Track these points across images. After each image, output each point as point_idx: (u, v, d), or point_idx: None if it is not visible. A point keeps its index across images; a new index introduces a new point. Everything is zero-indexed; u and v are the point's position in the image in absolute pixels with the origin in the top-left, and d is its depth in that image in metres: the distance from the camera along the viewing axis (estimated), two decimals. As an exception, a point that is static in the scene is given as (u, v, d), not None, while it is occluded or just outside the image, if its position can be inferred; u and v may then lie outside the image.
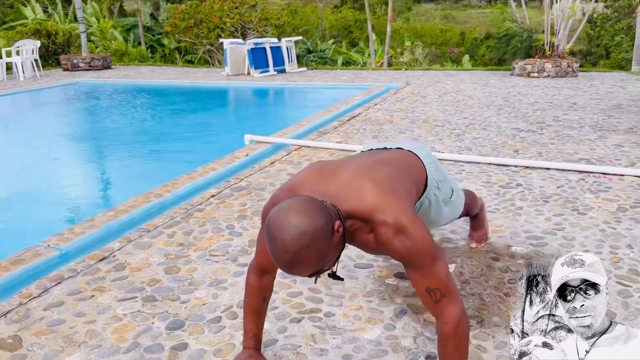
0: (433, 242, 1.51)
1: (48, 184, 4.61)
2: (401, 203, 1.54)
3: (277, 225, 1.34)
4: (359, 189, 1.53)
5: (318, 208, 1.38)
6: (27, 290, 2.34)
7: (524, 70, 9.54)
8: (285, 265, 1.35)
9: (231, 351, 1.91)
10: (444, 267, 1.50)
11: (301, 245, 1.31)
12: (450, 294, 1.49)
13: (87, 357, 1.89)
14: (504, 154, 4.37)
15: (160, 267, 2.55)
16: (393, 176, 1.65)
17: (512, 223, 3.00)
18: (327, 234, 1.36)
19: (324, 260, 1.38)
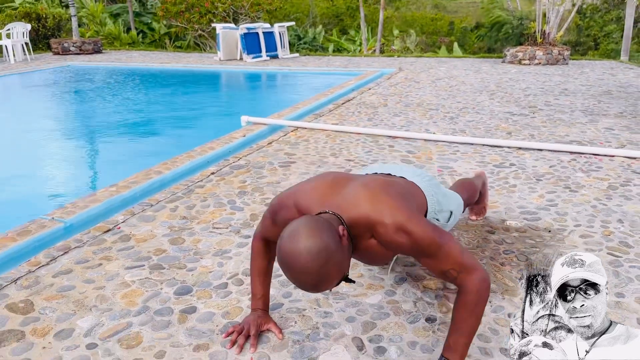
0: (434, 229, 1.57)
1: (46, 162, 4.63)
2: (396, 203, 1.60)
3: (289, 255, 1.39)
4: (357, 198, 1.60)
5: (321, 224, 1.44)
6: (36, 259, 2.38)
7: (515, 57, 9.63)
8: (312, 288, 1.42)
9: (239, 314, 1.98)
10: (453, 248, 1.56)
11: (321, 264, 1.38)
12: (465, 268, 1.55)
13: (98, 319, 1.95)
14: (497, 136, 4.45)
15: (165, 238, 2.61)
16: (392, 189, 1.69)
17: (507, 199, 3.09)
18: (338, 243, 1.44)
19: (342, 268, 1.46)
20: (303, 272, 1.38)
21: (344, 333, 1.86)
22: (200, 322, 1.93)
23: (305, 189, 1.70)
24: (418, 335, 1.86)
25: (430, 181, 2.06)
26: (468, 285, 1.55)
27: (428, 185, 2.00)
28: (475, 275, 1.56)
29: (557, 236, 2.60)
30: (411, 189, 1.89)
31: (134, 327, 1.90)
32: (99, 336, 1.85)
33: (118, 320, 1.94)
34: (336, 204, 1.59)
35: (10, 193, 3.88)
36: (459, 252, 1.57)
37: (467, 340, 1.59)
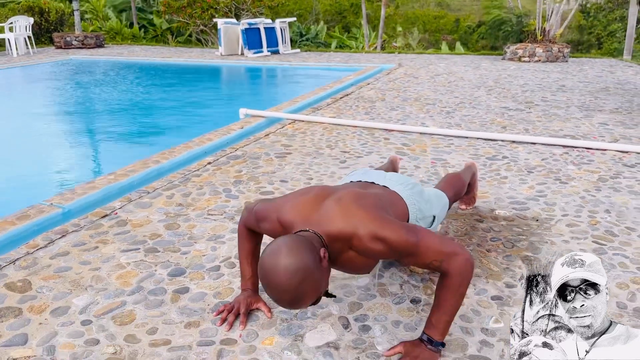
0: (408, 230, 1.61)
1: (47, 151, 4.69)
2: (367, 214, 1.64)
3: (270, 271, 1.45)
4: (332, 214, 1.65)
5: (302, 244, 1.50)
6: (34, 242, 2.45)
7: (515, 54, 9.67)
8: (289, 305, 1.48)
9: (230, 294, 2.04)
10: (430, 241, 1.60)
11: (297, 282, 1.43)
12: (446, 256, 1.59)
13: (93, 298, 2.01)
14: (492, 130, 4.50)
15: (161, 223, 2.67)
16: (364, 201, 1.72)
17: (497, 190, 3.14)
18: (317, 264, 1.49)
19: (320, 287, 1.51)
20: (280, 289, 1.44)
21: (331, 312, 1.92)
22: (192, 302, 1.99)
23: (289, 205, 1.73)
24: (402, 315, 1.92)
25: (413, 189, 2.08)
26: (451, 270, 1.60)
27: (410, 194, 2.03)
28: (458, 258, 1.60)
29: (544, 225, 2.65)
30: (391, 198, 1.93)
31: (128, 306, 1.96)
32: (94, 313, 1.91)
33: (112, 299, 2.00)
34: (316, 220, 1.64)
35: (11, 180, 3.95)
36: (437, 242, 1.61)
37: (448, 319, 1.65)
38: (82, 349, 1.73)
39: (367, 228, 1.59)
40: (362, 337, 1.79)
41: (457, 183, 2.57)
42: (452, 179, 2.59)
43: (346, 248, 1.64)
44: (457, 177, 2.63)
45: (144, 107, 6.64)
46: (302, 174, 3.40)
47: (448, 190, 2.43)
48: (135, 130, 5.54)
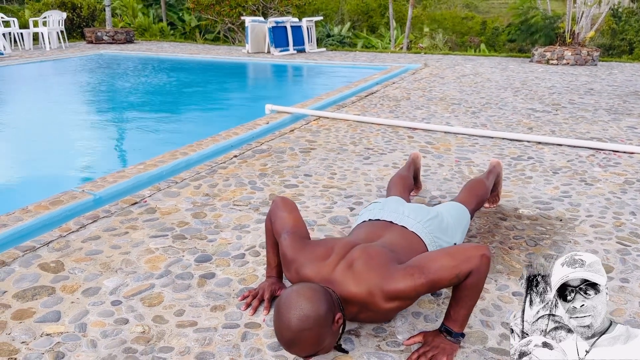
0: (413, 274, 1.60)
1: (80, 141, 4.82)
2: (379, 273, 1.64)
3: (286, 305, 1.50)
4: (345, 279, 1.65)
5: (324, 298, 1.53)
6: (66, 226, 2.54)
7: (543, 57, 9.56)
8: (286, 343, 1.51)
9: (254, 280, 2.09)
10: (441, 267, 1.60)
11: (303, 327, 1.47)
12: (464, 267, 1.60)
13: (123, 280, 2.08)
14: (517, 131, 4.48)
15: (188, 212, 2.74)
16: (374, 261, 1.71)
17: (521, 190, 3.14)
18: (328, 322, 1.52)
19: (320, 344, 1.53)
20: (287, 325, 1.48)
21: (353, 302, 1.96)
22: (218, 286, 2.05)
23: (308, 262, 1.73)
24: (423, 307, 1.94)
25: (431, 225, 2.05)
26: (472, 274, 1.62)
27: (429, 232, 2.01)
28: (473, 260, 1.61)
29: (568, 225, 2.65)
30: (408, 243, 1.91)
31: (156, 288, 2.03)
32: (123, 294, 1.98)
33: (141, 282, 2.07)
34: (330, 280, 1.66)
35: (45, 168, 4.07)
36: (448, 263, 1.61)
37: (467, 312, 1.67)
38: (111, 327, 1.79)
39: (379, 288, 1.60)
40: (383, 326, 1.82)
41: (481, 191, 2.55)
42: (475, 186, 2.55)
43: (362, 308, 1.66)
44: (481, 183, 2.60)
45: (172, 101, 6.76)
46: (325, 169, 3.44)
47: (471, 201, 2.41)
48: (164, 123, 5.66)
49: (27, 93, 7.44)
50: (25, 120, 5.73)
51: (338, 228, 2.59)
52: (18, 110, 6.22)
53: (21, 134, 5.20)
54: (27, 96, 7.16)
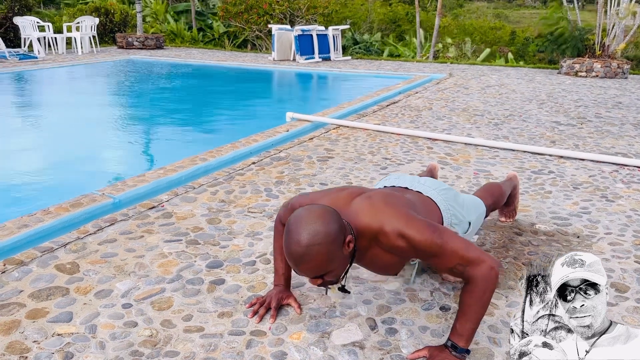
0: (434, 230, 1.63)
1: (103, 145, 4.94)
2: (394, 211, 1.68)
3: (297, 221, 1.54)
4: (361, 210, 1.70)
5: (336, 218, 1.57)
6: (84, 228, 2.60)
7: (572, 68, 9.41)
8: (295, 259, 1.53)
9: (263, 288, 2.11)
10: (456, 244, 1.62)
11: (313, 241, 1.50)
12: (471, 262, 1.61)
13: (135, 284, 2.12)
14: (540, 144, 4.42)
15: (204, 217, 2.78)
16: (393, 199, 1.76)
17: (539, 204, 3.10)
18: (338, 241, 1.55)
19: (330, 263, 1.54)
20: (297, 239, 1.51)
21: (359, 313, 1.96)
22: (227, 293, 2.07)
23: (325, 198, 1.79)
24: (430, 321, 1.93)
25: (447, 194, 2.09)
26: (475, 277, 1.61)
27: (444, 199, 2.05)
28: (483, 266, 1.61)
29: (585, 242, 2.60)
30: (424, 203, 1.95)
31: (167, 293, 2.06)
32: (134, 298, 2.02)
33: (153, 286, 2.11)
34: (346, 214, 1.70)
35: (69, 169, 4.18)
36: (462, 247, 1.62)
37: (473, 326, 1.66)
38: (121, 329, 1.83)
39: (392, 225, 1.64)
40: (388, 339, 1.82)
41: (497, 192, 2.55)
42: (491, 187, 2.57)
43: (373, 244, 1.68)
44: (497, 186, 2.61)
45: (196, 108, 6.87)
46: (342, 178, 3.45)
47: (486, 198, 2.42)
48: (187, 128, 5.75)
49: (56, 95, 7.65)
50: (53, 123, 5.89)
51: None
52: (46, 112, 6.41)
53: (48, 136, 5.34)
54: (56, 99, 7.37)
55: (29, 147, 4.88)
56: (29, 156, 4.58)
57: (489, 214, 2.48)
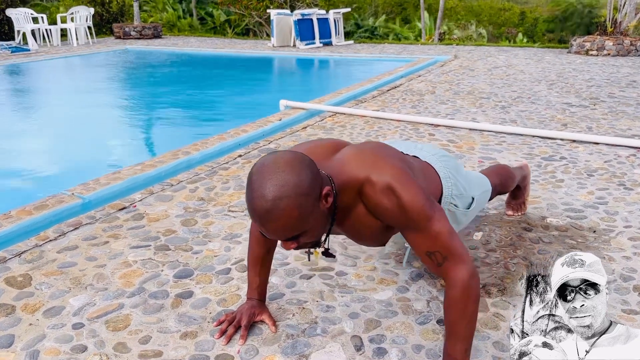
0: (428, 200, 1.39)
1: (84, 138, 4.69)
2: (386, 162, 1.42)
3: (260, 170, 1.24)
4: (347, 159, 1.44)
5: (308, 165, 1.27)
6: (45, 234, 2.35)
7: (582, 47, 9.02)
8: (260, 215, 1.22)
9: (236, 301, 1.85)
10: (444, 227, 1.38)
11: (281, 194, 1.20)
12: (453, 256, 1.37)
13: (91, 298, 1.87)
14: (550, 128, 4.11)
15: (178, 219, 2.52)
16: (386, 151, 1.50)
17: (551, 195, 2.81)
18: (313, 194, 1.25)
19: (303, 221, 1.24)
20: (261, 193, 1.21)
21: (343, 330, 1.70)
22: (193, 308, 1.82)
23: (302, 148, 1.53)
24: (425, 337, 1.67)
25: (448, 161, 1.82)
26: (454, 278, 1.37)
27: (444, 166, 1.77)
28: (463, 267, 1.37)
29: (603, 237, 2.32)
30: (422, 169, 1.68)
31: (125, 309, 1.81)
32: (87, 316, 1.77)
33: (110, 301, 1.86)
34: (329, 166, 1.43)
35: (40, 169, 3.94)
36: (449, 233, 1.38)
37: (466, 346, 1.40)
38: (66, 356, 1.58)
39: (382, 176, 1.37)
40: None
41: (505, 174, 2.27)
42: (499, 168, 2.30)
43: (357, 201, 1.42)
44: (506, 168, 2.33)
45: (186, 98, 6.60)
46: (335, 170, 3.18)
47: (493, 177, 2.14)
48: (174, 120, 5.49)
49: (42, 89, 7.41)
50: (32, 117, 5.65)
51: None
52: (28, 106, 6.16)
53: (24, 131, 5.10)
54: (41, 92, 7.13)
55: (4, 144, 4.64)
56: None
57: (494, 196, 2.21)
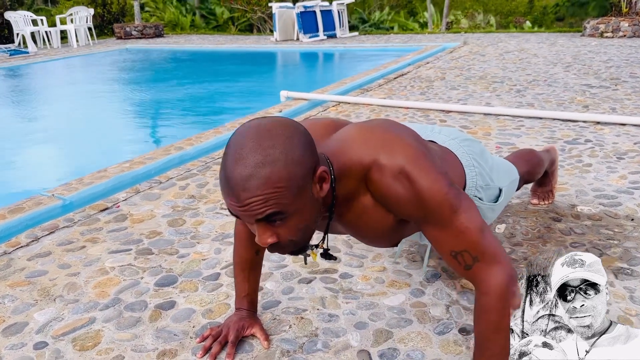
0: (451, 187, 1.10)
1: (77, 136, 4.47)
2: (401, 142, 1.13)
3: (240, 133, 0.98)
4: (349, 137, 1.15)
5: (302, 133, 1.00)
6: (16, 239, 2.12)
7: (597, 30, 8.67)
8: (236, 183, 0.93)
9: (224, 312, 1.60)
10: (473, 221, 1.10)
11: (265, 158, 0.92)
12: (486, 256, 1.10)
13: (59, 312, 1.63)
14: (571, 110, 3.82)
15: (165, 219, 2.27)
16: (398, 128, 1.21)
17: (579, 180, 2.53)
18: (305, 168, 0.98)
19: (290, 199, 0.97)
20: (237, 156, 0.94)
21: (349, 344, 1.44)
22: (174, 322, 1.57)
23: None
24: (446, 350, 1.40)
25: (471, 146, 1.52)
26: (487, 283, 1.10)
27: (466, 152, 1.48)
28: (499, 270, 1.10)
29: (644, 226, 2.04)
30: (442, 155, 1.39)
31: (96, 324, 1.56)
32: (52, 333, 1.53)
33: (80, 315, 1.61)
34: (325, 146, 1.14)
35: (23, 169, 3.72)
36: (480, 228, 1.10)
37: (501, 363, 1.13)
38: (22, 383, 1.34)
39: (393, 158, 1.09)
40: (387, 383, 1.30)
41: (533, 159, 1.99)
42: (526, 153, 2.02)
43: (361, 189, 1.13)
44: (533, 153, 2.05)
45: (184, 94, 6.36)
46: (339, 162, 2.92)
47: (520, 165, 1.86)
48: (169, 115, 5.27)
49: (37, 90, 7.22)
50: (26, 117, 5.44)
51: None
52: (22, 106, 5.96)
53: (16, 131, 4.90)
54: (35, 93, 6.93)
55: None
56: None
57: (521, 186, 1.94)
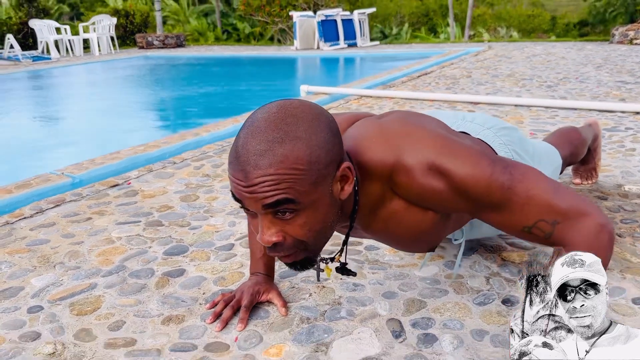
0: (493, 163, 0.95)
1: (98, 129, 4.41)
2: (424, 134, 0.99)
3: (260, 111, 0.87)
4: (367, 135, 1.01)
5: (328, 118, 0.88)
6: (20, 211, 1.99)
7: (626, 36, 8.44)
8: (247, 158, 0.82)
9: (237, 280, 1.45)
10: (535, 185, 0.95)
11: (285, 135, 0.82)
12: (566, 214, 0.94)
13: (58, 278, 1.49)
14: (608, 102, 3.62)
15: (177, 194, 2.14)
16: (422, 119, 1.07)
17: (623, 163, 2.34)
18: (328, 157, 0.86)
19: (306, 187, 0.85)
20: (256, 130, 0.83)
21: (377, 312, 1.27)
22: (183, 288, 1.42)
23: None
24: (488, 321, 1.22)
25: (510, 134, 1.34)
26: (573, 241, 0.94)
27: (505, 142, 1.30)
28: (586, 221, 0.94)
29: (703, 203, 1.84)
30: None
31: (97, 290, 1.42)
32: (49, 297, 1.39)
33: (81, 280, 1.47)
34: (349, 140, 1.02)
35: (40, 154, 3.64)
36: (546, 189, 0.94)
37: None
38: (10, 345, 1.19)
39: (419, 154, 0.93)
40: (422, 352, 1.12)
41: (575, 139, 1.81)
42: (567, 132, 1.84)
43: (387, 193, 0.98)
44: (575, 131, 1.87)
45: (208, 92, 6.31)
46: (362, 146, 2.77)
47: (562, 147, 1.69)
48: (196, 112, 5.20)
49: (61, 90, 7.25)
50: (54, 110, 5.41)
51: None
52: (52, 102, 5.95)
53: (40, 120, 4.85)
54: (58, 90, 6.95)
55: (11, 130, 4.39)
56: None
57: (564, 169, 1.77)
